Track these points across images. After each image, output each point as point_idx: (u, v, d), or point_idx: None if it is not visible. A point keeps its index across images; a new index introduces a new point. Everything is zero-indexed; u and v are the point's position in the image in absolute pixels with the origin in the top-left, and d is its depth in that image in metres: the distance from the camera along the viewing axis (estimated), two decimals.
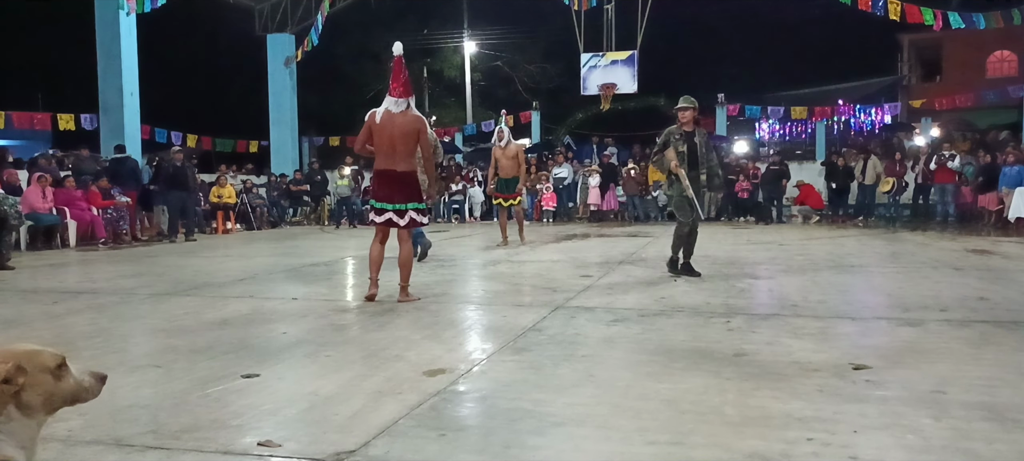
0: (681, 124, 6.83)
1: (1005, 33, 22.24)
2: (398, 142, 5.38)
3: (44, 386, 1.56)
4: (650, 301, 5.55)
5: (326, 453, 2.52)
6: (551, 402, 3.04)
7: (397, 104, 5.44)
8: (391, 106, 5.44)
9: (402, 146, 5.39)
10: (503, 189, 10.37)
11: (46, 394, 1.56)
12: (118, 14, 14.47)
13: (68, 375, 1.61)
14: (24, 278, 7.61)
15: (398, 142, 5.38)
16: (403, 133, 5.38)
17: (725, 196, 16.65)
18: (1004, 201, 12.98)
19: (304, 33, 19.29)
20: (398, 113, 5.42)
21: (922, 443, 2.56)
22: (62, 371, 1.60)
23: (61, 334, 4.56)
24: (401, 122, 5.39)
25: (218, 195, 15.20)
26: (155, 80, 18.16)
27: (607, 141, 19.80)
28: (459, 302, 5.83)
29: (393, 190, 5.45)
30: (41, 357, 1.58)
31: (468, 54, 28.09)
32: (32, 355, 1.57)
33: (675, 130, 6.81)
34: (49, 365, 1.58)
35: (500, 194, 10.43)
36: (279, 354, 4.00)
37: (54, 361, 1.59)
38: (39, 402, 1.55)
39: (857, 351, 3.90)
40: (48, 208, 11.23)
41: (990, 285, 6.23)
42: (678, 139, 6.76)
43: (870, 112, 24.01)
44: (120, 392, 3.24)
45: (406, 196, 5.45)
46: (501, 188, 10.39)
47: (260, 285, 6.78)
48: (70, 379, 1.61)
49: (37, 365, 1.56)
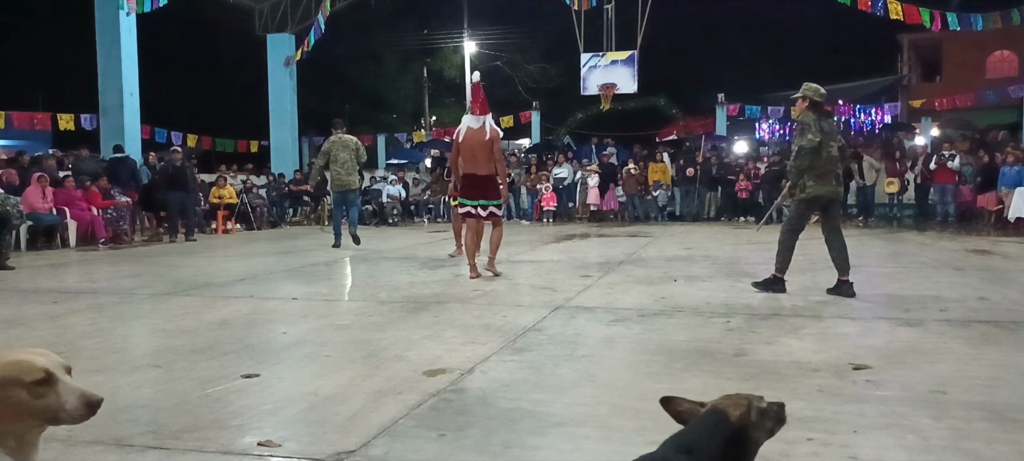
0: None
1: (1005, 33, 22.24)
2: (478, 151, 6.68)
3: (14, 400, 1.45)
4: (650, 301, 5.55)
5: (326, 453, 2.52)
6: (551, 402, 3.04)
7: (476, 120, 6.75)
8: (471, 123, 6.74)
9: (481, 154, 6.68)
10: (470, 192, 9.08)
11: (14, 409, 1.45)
12: (118, 14, 14.47)
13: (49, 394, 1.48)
14: (24, 278, 7.61)
15: (478, 151, 6.68)
16: (481, 144, 6.67)
17: (725, 196, 16.75)
18: (1004, 201, 12.98)
19: (304, 33, 19.29)
20: (478, 128, 6.69)
21: (922, 443, 2.56)
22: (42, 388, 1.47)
23: (61, 334, 4.56)
24: (479, 135, 6.66)
25: (218, 196, 15.20)
26: (155, 80, 18.18)
27: (607, 141, 19.80)
28: (459, 302, 5.83)
29: (475, 190, 6.75)
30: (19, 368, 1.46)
31: (468, 54, 28.10)
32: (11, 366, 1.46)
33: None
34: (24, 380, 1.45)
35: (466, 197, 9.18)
36: (279, 354, 4.00)
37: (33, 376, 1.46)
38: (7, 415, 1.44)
39: (857, 351, 3.90)
40: (48, 208, 11.23)
41: (990, 285, 6.23)
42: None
43: (870, 112, 24.01)
44: (120, 392, 3.25)
45: (485, 194, 6.75)
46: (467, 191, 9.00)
47: (260, 285, 6.78)
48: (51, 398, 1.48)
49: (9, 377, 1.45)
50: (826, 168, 5.71)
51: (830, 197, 5.80)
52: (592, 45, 18.25)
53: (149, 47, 16.22)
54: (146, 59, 15.56)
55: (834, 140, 5.82)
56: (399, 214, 17.09)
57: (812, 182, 5.72)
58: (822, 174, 5.70)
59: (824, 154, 5.68)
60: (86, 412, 1.50)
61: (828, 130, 5.76)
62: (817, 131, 5.64)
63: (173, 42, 23.62)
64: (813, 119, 5.71)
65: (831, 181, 5.75)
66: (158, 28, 19.22)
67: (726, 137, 20.83)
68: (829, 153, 5.71)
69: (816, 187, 5.71)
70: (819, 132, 5.64)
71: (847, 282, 5.69)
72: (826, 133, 5.70)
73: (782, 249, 5.92)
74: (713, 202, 16.94)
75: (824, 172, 5.70)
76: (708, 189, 16.86)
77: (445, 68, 29.46)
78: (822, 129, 5.69)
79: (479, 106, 6.90)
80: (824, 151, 5.67)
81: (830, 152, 5.72)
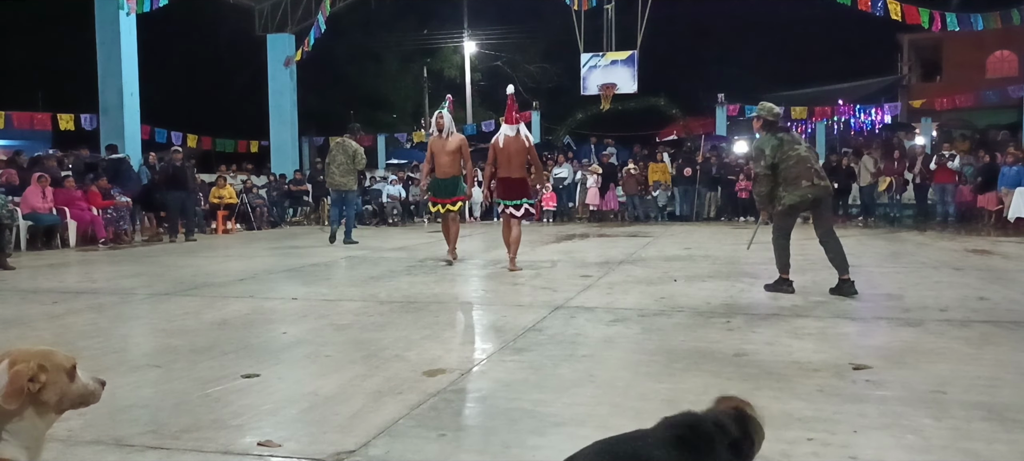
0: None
1: (1005, 33, 22.23)
2: (513, 157, 7.53)
3: (60, 386, 1.59)
4: (650, 301, 5.55)
5: (326, 453, 2.52)
6: (551, 402, 3.04)
7: (512, 129, 7.57)
8: (508, 132, 7.57)
9: (516, 159, 7.54)
10: (439, 192, 8.17)
11: (60, 394, 1.59)
12: (118, 14, 14.46)
13: (79, 377, 1.64)
14: (24, 278, 7.61)
15: (513, 157, 7.53)
16: (516, 151, 7.54)
17: (725, 196, 16.74)
18: (1004, 201, 12.98)
19: (304, 33, 19.28)
20: (512, 137, 7.52)
21: (922, 443, 2.56)
22: (75, 372, 1.63)
23: (61, 334, 4.56)
24: (515, 143, 7.53)
25: (218, 196, 15.20)
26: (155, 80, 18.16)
27: (607, 141, 19.80)
28: (459, 302, 5.84)
29: (510, 191, 7.59)
30: (57, 357, 1.60)
31: (468, 54, 28.10)
32: (50, 354, 1.60)
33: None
34: (65, 366, 1.60)
35: (437, 198, 8.21)
36: (279, 354, 4.00)
37: (69, 362, 1.61)
38: (54, 401, 1.58)
39: (857, 351, 3.90)
40: (48, 208, 11.23)
41: (990, 285, 6.23)
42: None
43: (870, 112, 23.99)
44: (120, 392, 3.24)
45: (519, 194, 7.59)
46: (436, 190, 8.20)
47: (260, 285, 6.78)
48: (80, 381, 1.64)
49: (55, 364, 1.58)
50: (794, 174, 5.72)
51: (811, 198, 5.76)
52: (592, 45, 18.24)
53: (149, 47, 16.21)
54: (146, 59, 15.55)
55: (796, 145, 5.83)
56: (399, 214, 17.09)
57: (784, 192, 5.77)
58: (792, 181, 5.72)
59: (783, 167, 5.74)
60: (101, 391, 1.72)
61: (787, 139, 5.83)
62: (772, 152, 5.74)
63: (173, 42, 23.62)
64: (766, 140, 5.82)
65: (804, 183, 5.71)
66: (158, 28, 19.21)
67: (726, 137, 20.82)
68: (794, 159, 5.73)
69: (790, 195, 5.75)
70: (775, 151, 5.74)
71: (848, 280, 5.70)
72: (784, 143, 5.77)
73: (777, 252, 5.95)
74: (713, 202, 16.94)
75: (794, 178, 5.71)
76: (708, 189, 16.85)
77: (445, 68, 29.45)
78: (780, 142, 5.76)
79: (513, 117, 7.71)
80: (783, 165, 5.73)
81: (795, 157, 5.73)
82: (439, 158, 8.09)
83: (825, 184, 5.82)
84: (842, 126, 24.27)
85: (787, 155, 5.73)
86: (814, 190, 5.73)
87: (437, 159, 8.10)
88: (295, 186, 18.19)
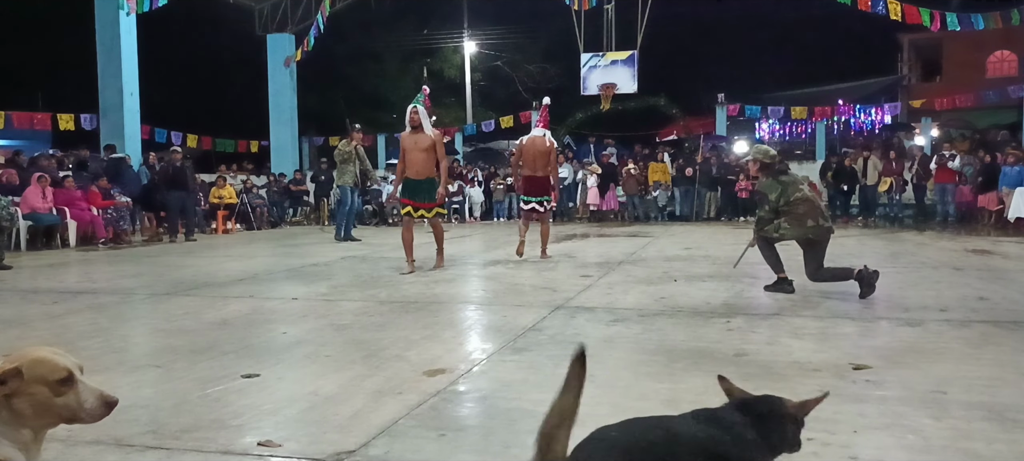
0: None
1: (1005, 33, 22.23)
2: (538, 159, 8.40)
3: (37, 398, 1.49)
4: (650, 301, 5.55)
5: (326, 453, 2.52)
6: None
7: (540, 132, 8.48)
8: (537, 134, 8.50)
9: (540, 161, 8.40)
10: (413, 194, 7.46)
11: (38, 406, 1.49)
12: (118, 14, 14.46)
13: (70, 392, 1.53)
14: (24, 278, 7.61)
15: (538, 159, 8.40)
16: (541, 152, 8.41)
17: (725, 196, 16.73)
18: (1004, 201, 12.98)
19: (304, 33, 19.28)
20: (539, 139, 8.42)
21: (922, 443, 2.56)
22: (64, 387, 1.52)
23: (61, 334, 4.56)
24: (540, 145, 8.41)
25: (218, 196, 15.20)
26: (155, 80, 18.16)
27: (607, 141, 19.80)
28: (459, 302, 5.84)
29: (536, 189, 8.44)
30: (44, 367, 1.51)
31: (468, 54, 28.09)
32: (36, 364, 1.50)
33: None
34: (49, 378, 1.50)
35: (410, 200, 7.50)
36: (279, 354, 4.00)
37: (57, 375, 1.51)
38: (29, 412, 1.49)
39: (857, 351, 3.90)
40: (48, 208, 11.23)
41: (990, 285, 6.23)
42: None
43: (870, 112, 24.00)
44: (120, 392, 3.21)
45: (542, 192, 8.47)
46: (410, 192, 7.49)
47: (260, 285, 6.78)
48: (71, 397, 1.53)
49: (36, 375, 1.49)
50: (801, 212, 5.66)
51: (812, 238, 5.69)
52: (592, 45, 18.24)
53: (149, 47, 16.21)
54: (146, 59, 15.55)
55: (800, 186, 5.81)
56: (399, 214, 17.08)
57: (788, 226, 5.74)
58: (798, 217, 5.67)
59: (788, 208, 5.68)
60: (103, 412, 1.56)
61: (788, 182, 5.78)
62: (776, 198, 5.70)
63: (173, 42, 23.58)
64: (769, 185, 5.79)
65: (809, 222, 5.65)
66: (158, 28, 19.19)
67: (726, 137, 20.81)
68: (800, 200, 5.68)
69: (792, 230, 5.73)
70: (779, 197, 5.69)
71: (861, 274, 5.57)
72: (787, 187, 5.72)
73: (766, 258, 5.97)
74: (713, 202, 16.93)
75: (801, 216, 5.67)
76: (708, 189, 16.85)
77: (445, 68, 29.42)
78: (783, 187, 5.72)
79: (543, 123, 8.67)
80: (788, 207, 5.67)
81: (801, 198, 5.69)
82: (412, 156, 7.42)
83: (829, 226, 5.78)
84: (842, 126, 24.27)
85: (792, 199, 5.70)
86: (817, 231, 5.68)
87: (409, 157, 7.45)
88: (295, 186, 18.19)
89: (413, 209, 7.51)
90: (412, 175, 7.46)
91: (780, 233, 5.77)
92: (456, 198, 17.94)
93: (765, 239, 5.92)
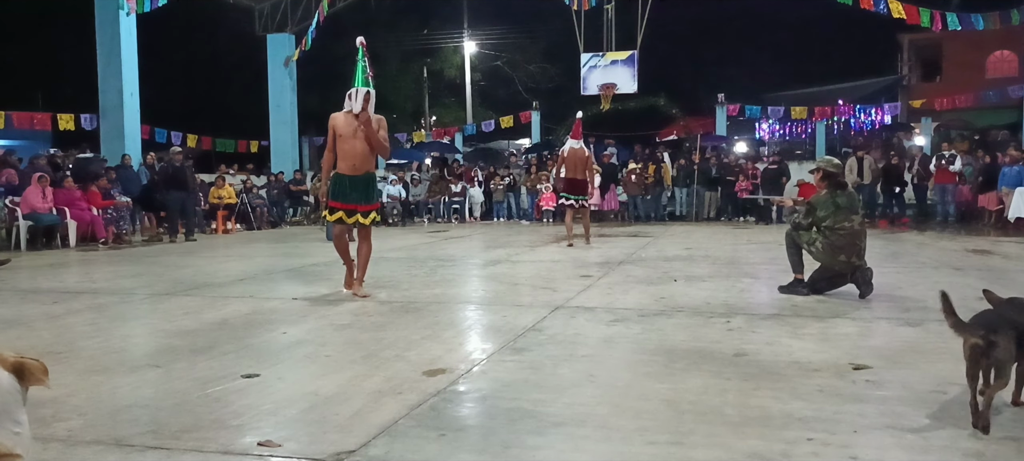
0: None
1: (1005, 33, 22.22)
2: (577, 164, 10.38)
3: None
4: (650, 301, 5.55)
5: (326, 453, 2.52)
6: (551, 402, 3.04)
7: (577, 142, 10.47)
8: (573, 144, 10.46)
9: (579, 166, 10.40)
10: (344, 195, 5.80)
11: None
12: (118, 14, 14.48)
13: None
14: (24, 278, 7.61)
15: (577, 164, 10.38)
16: (580, 159, 10.42)
17: (725, 196, 16.74)
18: (1004, 201, 12.98)
19: (304, 33, 19.29)
20: (578, 149, 10.44)
21: (922, 443, 2.56)
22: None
23: (61, 334, 4.56)
24: (581, 154, 10.46)
25: (218, 196, 15.20)
26: (155, 80, 18.17)
27: (607, 141, 19.82)
28: (459, 302, 5.83)
29: (574, 189, 10.42)
30: None
31: (468, 54, 28.09)
32: None
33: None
34: None
35: (342, 204, 5.78)
36: (279, 354, 4.00)
37: None
38: None
39: (857, 351, 3.90)
40: (48, 208, 11.23)
41: (990, 285, 6.20)
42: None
43: (870, 112, 24.02)
44: (120, 392, 3.25)
45: (581, 191, 10.48)
46: (342, 192, 5.79)
47: (260, 285, 6.78)
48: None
49: None
50: (840, 244, 5.50)
51: (837, 271, 5.58)
52: (592, 45, 18.25)
53: (149, 47, 16.21)
54: (146, 59, 15.56)
55: (853, 215, 5.56)
56: (399, 214, 17.09)
57: (821, 247, 5.57)
58: (833, 247, 5.51)
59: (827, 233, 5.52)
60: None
61: (843, 206, 5.56)
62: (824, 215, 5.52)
63: (173, 42, 23.61)
64: (824, 202, 5.57)
65: (841, 258, 5.50)
66: (158, 28, 19.21)
67: (726, 137, 20.83)
68: (845, 233, 5.50)
69: (822, 255, 5.58)
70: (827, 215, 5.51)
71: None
72: (840, 211, 5.52)
73: (789, 253, 5.88)
74: (713, 202, 16.93)
75: (836, 248, 5.51)
76: (708, 189, 16.85)
77: (445, 68, 29.44)
78: (837, 209, 5.52)
79: (578, 135, 10.52)
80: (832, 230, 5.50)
81: (847, 231, 5.50)
82: (350, 145, 5.68)
83: (860, 264, 5.58)
84: (842, 126, 24.29)
85: (840, 225, 5.52)
86: (846, 266, 5.56)
87: (345, 147, 5.69)
88: (295, 186, 18.19)
89: (346, 214, 5.78)
90: (347, 170, 5.74)
91: (810, 249, 5.67)
92: (457, 198, 17.96)
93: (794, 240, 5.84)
